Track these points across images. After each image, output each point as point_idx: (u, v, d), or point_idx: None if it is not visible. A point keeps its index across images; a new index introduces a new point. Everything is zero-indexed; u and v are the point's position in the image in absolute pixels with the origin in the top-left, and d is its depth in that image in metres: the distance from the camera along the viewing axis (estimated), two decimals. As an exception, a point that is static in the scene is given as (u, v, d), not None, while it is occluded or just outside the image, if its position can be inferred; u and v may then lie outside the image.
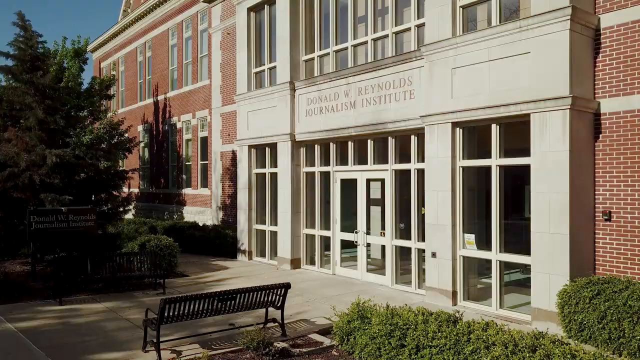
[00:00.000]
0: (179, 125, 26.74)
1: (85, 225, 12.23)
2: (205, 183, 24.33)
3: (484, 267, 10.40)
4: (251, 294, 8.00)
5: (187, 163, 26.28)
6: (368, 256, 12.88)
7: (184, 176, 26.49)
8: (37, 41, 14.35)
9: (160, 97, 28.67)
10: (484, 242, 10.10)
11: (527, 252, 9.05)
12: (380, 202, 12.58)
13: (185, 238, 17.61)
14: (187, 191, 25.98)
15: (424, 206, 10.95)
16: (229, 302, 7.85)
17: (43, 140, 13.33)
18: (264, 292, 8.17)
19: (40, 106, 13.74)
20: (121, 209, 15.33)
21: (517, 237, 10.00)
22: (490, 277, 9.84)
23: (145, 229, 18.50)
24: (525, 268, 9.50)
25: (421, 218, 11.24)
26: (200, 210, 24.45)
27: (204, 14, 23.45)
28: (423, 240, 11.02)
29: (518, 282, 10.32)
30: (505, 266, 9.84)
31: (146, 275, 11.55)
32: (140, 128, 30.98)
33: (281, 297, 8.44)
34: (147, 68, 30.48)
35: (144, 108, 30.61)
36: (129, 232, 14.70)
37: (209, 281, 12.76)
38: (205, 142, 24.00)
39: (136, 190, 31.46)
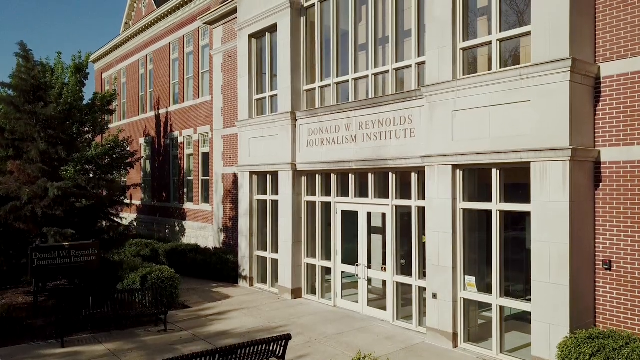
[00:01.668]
0: (180, 139, 26.80)
1: (87, 260, 12.27)
2: (206, 199, 24.39)
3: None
4: (252, 347, 8.03)
5: (188, 178, 26.34)
6: (369, 282, 12.85)
7: (185, 190, 26.55)
8: (38, 71, 14.37)
9: (162, 111, 28.73)
10: (484, 284, 10.12)
11: (528, 292, 9.05)
12: (382, 237, 12.60)
13: (186, 262, 17.66)
14: (188, 206, 26.04)
15: (424, 234, 10.97)
16: (230, 357, 7.88)
17: (45, 172, 13.36)
18: (265, 344, 8.19)
19: (42, 136, 13.79)
20: (122, 237, 15.34)
21: (519, 277, 9.99)
22: (491, 310, 9.83)
23: (147, 251, 18.58)
24: (527, 299, 9.49)
25: (422, 255, 11.25)
26: (201, 226, 24.51)
27: (206, 30, 23.46)
28: (424, 276, 11.05)
29: (519, 316, 10.30)
30: (506, 295, 9.81)
31: (148, 313, 11.61)
32: (142, 141, 31.05)
33: (282, 348, 8.46)
34: (149, 81, 30.54)
35: (146, 121, 30.67)
36: (129, 261, 14.72)
37: (211, 314, 12.79)
38: (206, 157, 24.05)
39: (138, 202, 31.54)
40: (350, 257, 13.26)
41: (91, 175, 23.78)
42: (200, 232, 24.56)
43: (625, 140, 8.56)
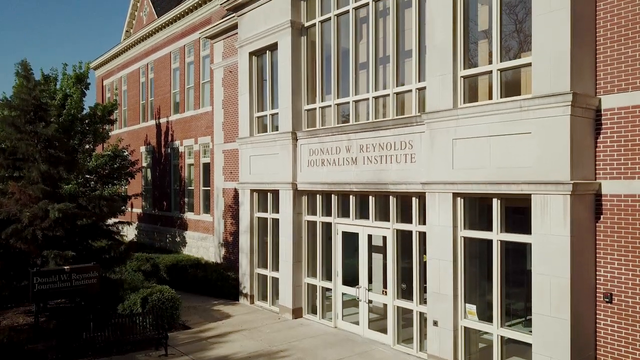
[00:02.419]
0: (181, 149, 26.83)
1: (88, 283, 12.28)
2: (207, 208, 24.41)
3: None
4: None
5: (189, 188, 26.36)
6: (369, 304, 12.78)
7: (186, 200, 26.57)
8: (39, 90, 14.38)
9: (163, 120, 28.76)
10: (485, 313, 10.12)
11: (529, 312, 9.09)
12: (382, 255, 12.60)
13: (187, 277, 17.69)
14: (189, 216, 26.06)
15: (425, 254, 10.98)
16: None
17: (46, 193, 13.36)
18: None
19: (43, 156, 13.79)
20: (123, 255, 15.34)
21: (520, 293, 9.92)
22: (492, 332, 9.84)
23: (147, 266, 18.61)
24: (527, 320, 9.51)
25: (423, 278, 11.25)
26: (202, 236, 24.53)
27: (206, 41, 23.44)
28: (424, 301, 11.06)
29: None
30: (507, 314, 9.84)
31: (148, 338, 11.63)
32: (142, 149, 31.08)
33: (282, 382, 8.48)
34: (150, 89, 30.54)
35: (147, 129, 30.69)
36: (130, 280, 14.74)
37: (211, 336, 12.79)
38: (207, 168, 24.06)
39: (139, 210, 31.57)
40: (351, 278, 13.25)
41: (92, 184, 23.93)
42: (201, 242, 24.58)
43: (626, 173, 8.55)
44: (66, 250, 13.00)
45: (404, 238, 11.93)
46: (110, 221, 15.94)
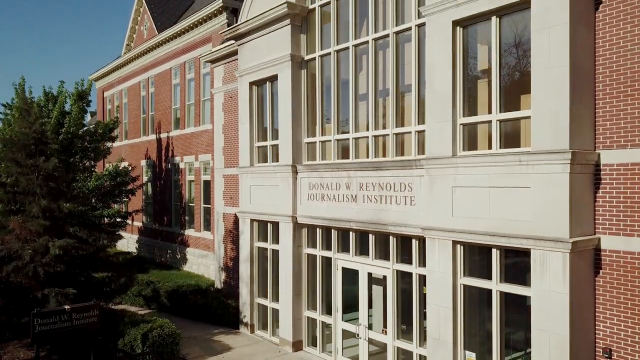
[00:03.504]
0: (181, 165, 26.88)
1: (88, 322, 12.31)
2: (207, 226, 24.47)
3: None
4: None
5: (190, 204, 26.40)
6: (370, 341, 12.83)
7: (187, 218, 26.61)
8: (40, 123, 14.40)
9: (163, 135, 28.80)
10: (485, 359, 10.14)
11: (528, 343, 9.10)
12: (382, 291, 12.60)
13: (188, 303, 17.70)
14: (190, 232, 26.12)
15: (425, 285, 11.00)
16: None
17: (46, 229, 13.38)
18: None
19: (44, 189, 13.81)
20: (124, 287, 15.38)
21: (521, 322, 9.93)
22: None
23: (148, 291, 18.66)
24: (527, 354, 9.52)
25: (423, 319, 11.27)
26: (203, 253, 24.61)
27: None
28: (425, 340, 11.08)
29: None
30: (506, 347, 9.86)
31: (149, 380, 11.69)
32: (143, 163, 31.15)
33: None
34: (150, 104, 30.58)
35: (147, 143, 30.73)
36: (131, 314, 14.76)
37: (212, 373, 12.88)
38: (207, 185, 24.12)
39: (140, 224, 31.63)
40: (351, 313, 13.27)
41: (93, 201, 23.94)
42: (202, 260, 24.66)
43: (625, 230, 8.55)
44: (67, 287, 13.05)
45: (404, 278, 11.95)
46: (112, 250, 15.98)
